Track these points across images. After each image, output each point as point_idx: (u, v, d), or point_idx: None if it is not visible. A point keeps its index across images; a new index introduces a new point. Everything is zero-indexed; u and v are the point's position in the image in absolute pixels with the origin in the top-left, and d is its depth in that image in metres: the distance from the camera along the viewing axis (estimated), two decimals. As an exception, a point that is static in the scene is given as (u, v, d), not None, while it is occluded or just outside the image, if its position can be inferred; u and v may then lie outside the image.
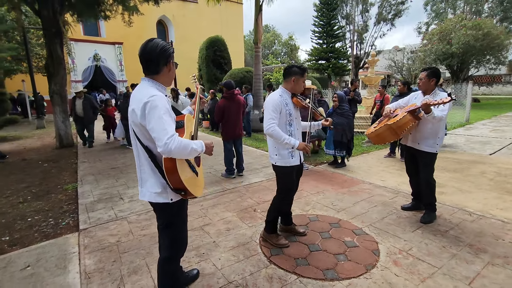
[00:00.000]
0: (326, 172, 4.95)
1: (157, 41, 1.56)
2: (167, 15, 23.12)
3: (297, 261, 2.39)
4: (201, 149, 1.56)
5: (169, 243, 1.74)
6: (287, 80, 2.52)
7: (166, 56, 1.57)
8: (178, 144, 1.40)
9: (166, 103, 1.50)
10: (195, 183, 1.64)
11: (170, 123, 1.44)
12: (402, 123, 2.88)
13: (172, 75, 1.66)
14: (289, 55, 48.57)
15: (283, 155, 2.54)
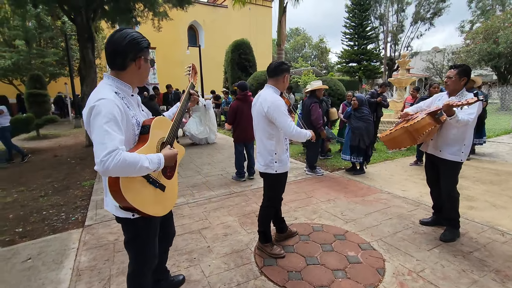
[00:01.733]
0: (341, 179, 4.65)
1: (128, 31, 1.35)
2: (198, 20, 23.85)
3: (290, 274, 2.21)
4: (156, 166, 1.30)
5: (133, 258, 1.59)
6: (278, 79, 2.35)
7: (135, 50, 1.35)
8: (119, 163, 1.14)
9: (114, 109, 1.24)
10: (155, 201, 1.41)
11: (111, 136, 1.18)
12: (420, 125, 2.57)
13: (143, 73, 1.43)
14: (319, 58, 47.73)
15: (283, 160, 2.41)
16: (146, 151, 1.32)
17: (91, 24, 7.81)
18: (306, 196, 3.89)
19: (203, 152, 6.91)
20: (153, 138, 1.40)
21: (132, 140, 1.38)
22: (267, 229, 2.50)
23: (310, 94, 5.01)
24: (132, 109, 1.39)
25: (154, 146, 1.42)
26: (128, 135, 1.34)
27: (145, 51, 1.41)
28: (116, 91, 1.34)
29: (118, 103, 1.27)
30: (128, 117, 1.33)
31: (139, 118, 1.42)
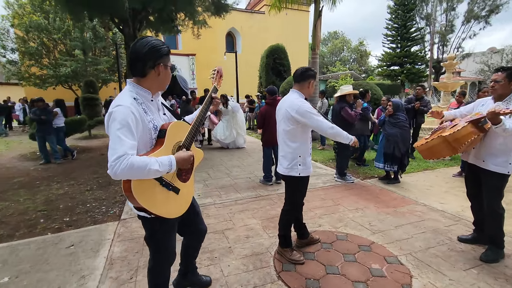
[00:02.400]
0: (373, 188, 4.44)
1: (148, 39, 1.39)
2: (235, 27, 24.55)
3: (308, 281, 2.17)
4: (167, 168, 1.32)
5: (152, 254, 1.67)
6: (303, 84, 2.37)
7: (154, 57, 1.38)
8: (126, 167, 1.19)
9: (128, 116, 1.28)
10: (168, 203, 1.44)
11: (122, 142, 1.23)
12: (460, 135, 2.35)
13: (162, 79, 1.46)
14: (358, 61, 46.07)
15: (307, 164, 2.41)
16: (160, 154, 1.36)
17: (137, 34, 8.47)
18: (333, 204, 3.78)
19: (234, 155, 7.07)
20: (169, 142, 1.43)
21: (149, 144, 1.42)
22: (287, 234, 2.49)
23: (340, 99, 4.88)
24: (150, 114, 1.43)
25: (170, 149, 1.44)
26: (145, 139, 1.40)
27: (164, 58, 1.43)
28: (135, 97, 1.39)
29: (133, 110, 1.32)
30: (145, 122, 1.38)
31: (157, 122, 1.46)
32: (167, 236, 1.61)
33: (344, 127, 4.48)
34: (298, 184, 2.41)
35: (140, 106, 1.38)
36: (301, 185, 2.44)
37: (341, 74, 31.32)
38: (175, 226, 1.66)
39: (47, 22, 13.26)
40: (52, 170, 6.05)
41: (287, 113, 2.30)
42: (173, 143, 1.47)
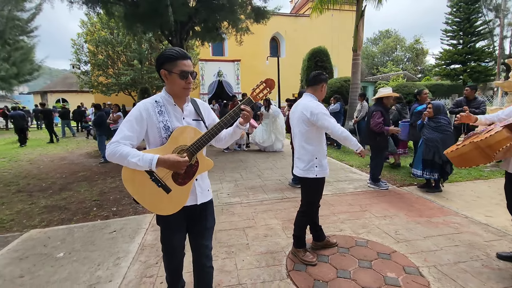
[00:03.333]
0: (409, 196, 4.16)
1: (164, 50, 1.53)
2: (279, 31, 24.80)
3: (316, 282, 2.19)
4: (146, 164, 1.39)
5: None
6: (316, 87, 2.43)
7: (158, 64, 1.51)
8: (111, 152, 1.40)
9: (136, 112, 1.48)
10: (156, 199, 1.50)
11: (120, 131, 1.46)
12: (494, 141, 2.15)
13: (171, 85, 1.52)
14: (413, 61, 42.59)
15: (323, 165, 2.46)
16: (158, 151, 1.46)
17: (183, 44, 9.20)
18: (360, 209, 3.67)
19: (269, 158, 7.20)
20: (171, 144, 1.50)
21: (159, 141, 1.53)
22: (301, 234, 2.53)
23: (377, 101, 4.68)
24: (166, 115, 1.54)
25: (171, 150, 1.49)
26: (154, 136, 1.53)
27: (166, 64, 1.48)
28: (157, 100, 1.55)
29: (143, 108, 1.50)
30: (152, 121, 1.51)
31: (171, 124, 1.54)
32: (167, 235, 1.69)
33: (379, 134, 4.33)
34: (315, 185, 2.45)
35: (157, 107, 1.53)
36: (318, 186, 2.47)
37: (392, 75, 29.38)
38: (176, 226, 1.66)
39: (112, 37, 15.09)
40: (109, 166, 6.89)
41: (302, 115, 2.37)
42: (176, 146, 1.51)
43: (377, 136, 4.46)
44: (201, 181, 1.66)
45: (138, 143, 1.52)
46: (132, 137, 1.47)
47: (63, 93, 29.71)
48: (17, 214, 3.97)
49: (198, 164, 1.57)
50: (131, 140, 1.46)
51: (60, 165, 7.24)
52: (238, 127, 1.65)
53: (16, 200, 4.58)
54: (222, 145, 1.79)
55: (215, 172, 5.84)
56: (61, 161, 7.87)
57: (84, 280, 2.36)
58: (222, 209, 3.81)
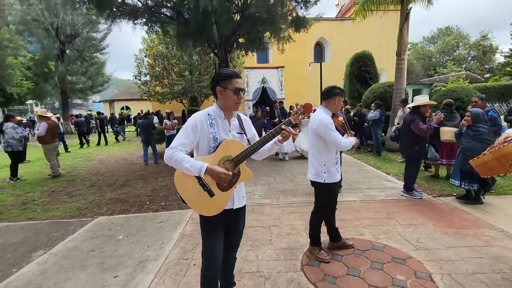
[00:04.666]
0: (443, 206, 4.04)
1: (220, 71, 1.78)
2: (324, 36, 24.59)
3: (326, 277, 2.43)
4: (196, 171, 1.58)
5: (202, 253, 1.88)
6: (330, 101, 2.64)
7: (215, 82, 1.74)
8: (170, 156, 1.63)
9: (191, 122, 1.70)
10: (201, 201, 1.69)
11: (178, 138, 1.68)
12: (507, 151, 2.23)
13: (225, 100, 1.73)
14: (479, 59, 38.13)
15: (332, 172, 2.66)
16: (206, 160, 1.67)
17: (228, 55, 9.94)
18: (386, 217, 3.72)
19: (304, 164, 7.40)
20: (217, 154, 1.70)
21: (207, 150, 1.73)
22: (316, 234, 2.78)
23: (413, 109, 4.60)
24: (215, 127, 1.74)
25: (217, 160, 1.69)
26: (204, 144, 1.74)
27: (222, 82, 1.71)
28: (209, 113, 1.77)
29: (198, 120, 1.71)
30: (204, 131, 1.72)
31: (220, 136, 1.74)
32: (208, 236, 1.83)
33: (415, 141, 4.28)
34: (325, 190, 2.68)
35: (209, 120, 1.74)
36: (328, 191, 2.69)
37: (452, 76, 26.77)
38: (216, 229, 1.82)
39: (167, 51, 16.77)
40: (161, 167, 7.82)
41: (312, 126, 2.65)
42: (222, 156, 1.70)
43: (416, 145, 4.37)
44: (239, 189, 1.86)
45: (191, 150, 1.74)
46: (187, 144, 1.69)
47: (127, 101, 33.56)
48: (90, 203, 4.90)
49: (240, 174, 1.75)
50: (186, 147, 1.69)
51: (122, 165, 8.44)
52: (276, 144, 1.82)
53: (90, 192, 5.60)
54: (258, 157, 1.94)
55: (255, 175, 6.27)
56: (123, 161, 9.14)
57: (137, 257, 2.95)
58: (253, 208, 4.20)
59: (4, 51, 18.00)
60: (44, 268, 2.82)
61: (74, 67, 21.45)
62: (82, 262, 2.89)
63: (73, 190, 5.83)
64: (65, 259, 2.97)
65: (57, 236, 3.58)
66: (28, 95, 21.02)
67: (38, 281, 2.59)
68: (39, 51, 21.05)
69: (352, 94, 13.05)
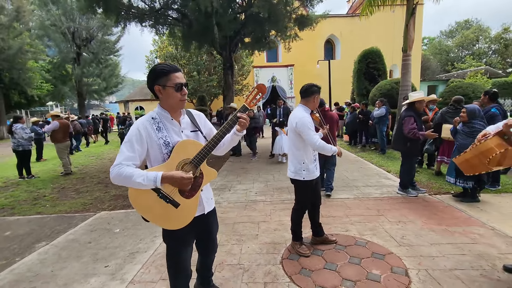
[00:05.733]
0: (438, 204, 3.98)
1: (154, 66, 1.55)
2: (334, 33, 24.31)
3: (302, 270, 2.50)
4: (151, 183, 1.40)
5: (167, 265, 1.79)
6: (308, 99, 2.69)
7: (151, 81, 1.53)
8: (116, 175, 1.41)
9: (133, 132, 1.50)
10: (165, 215, 1.51)
11: (121, 153, 1.46)
12: (485, 148, 2.19)
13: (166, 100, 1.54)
14: (501, 53, 36.47)
15: (311, 169, 2.71)
16: (163, 168, 1.49)
17: (232, 55, 10.08)
18: (375, 214, 3.72)
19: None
20: (173, 160, 1.52)
21: (161, 158, 1.55)
22: (297, 229, 2.84)
23: (408, 106, 4.56)
24: (164, 131, 1.57)
25: (174, 165, 1.51)
26: (155, 153, 1.56)
27: (159, 79, 1.50)
28: (153, 116, 1.58)
29: (142, 126, 1.52)
30: (152, 138, 1.53)
31: (171, 139, 1.57)
32: (176, 250, 1.71)
33: (407, 137, 4.25)
34: (303, 186, 2.74)
35: (155, 124, 1.56)
36: (306, 188, 2.74)
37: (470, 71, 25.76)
38: (186, 243, 1.71)
39: (177, 52, 17.15)
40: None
41: (291, 124, 2.71)
42: (179, 160, 1.52)
43: (408, 141, 4.35)
44: (206, 191, 1.72)
45: (140, 162, 1.53)
46: (134, 157, 1.48)
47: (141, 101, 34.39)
48: (94, 199, 5.15)
49: (203, 175, 1.58)
50: (133, 161, 1.47)
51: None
52: (236, 134, 1.68)
53: (96, 189, 5.87)
54: (221, 152, 1.79)
55: (251, 173, 6.38)
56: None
57: (129, 249, 3.12)
58: (246, 205, 4.30)
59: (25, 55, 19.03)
60: (44, 257, 3.03)
61: (89, 69, 22.32)
62: (78, 253, 3.09)
63: (81, 187, 6.13)
64: (64, 250, 3.18)
65: (60, 229, 3.82)
66: (47, 97, 22.09)
67: (36, 269, 2.80)
68: (56, 55, 22.02)
69: (360, 92, 12.85)
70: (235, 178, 6.10)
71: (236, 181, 5.78)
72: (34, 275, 2.68)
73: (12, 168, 7.66)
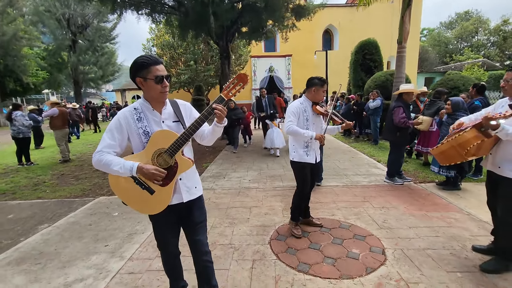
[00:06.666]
0: (421, 192, 4.20)
1: (136, 58, 1.56)
2: (333, 23, 24.12)
3: (288, 249, 2.70)
4: (127, 172, 1.51)
5: None
6: (309, 90, 2.83)
7: (133, 73, 1.57)
8: (96, 161, 1.54)
9: (114, 122, 1.59)
10: (141, 200, 1.61)
11: (103, 141, 1.58)
12: (463, 139, 2.23)
13: (148, 92, 1.59)
14: (499, 46, 36.43)
15: (299, 153, 2.86)
16: (139, 157, 1.59)
17: (229, 45, 10.09)
18: (361, 200, 3.93)
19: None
20: (149, 149, 1.58)
21: (141, 146, 1.63)
22: (294, 210, 2.99)
23: (398, 97, 4.72)
24: (145, 121, 1.63)
25: (150, 154, 1.58)
26: (136, 142, 1.64)
27: (141, 71, 1.53)
28: (136, 107, 1.65)
29: (122, 116, 1.61)
30: (131, 128, 1.61)
31: (150, 129, 1.62)
32: (157, 231, 1.81)
33: (396, 127, 4.43)
34: (295, 168, 2.91)
35: (136, 114, 1.63)
36: (297, 167, 2.90)
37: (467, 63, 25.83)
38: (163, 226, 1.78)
39: (174, 41, 17.01)
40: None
41: None
42: (155, 149, 1.58)
43: (398, 131, 4.52)
44: (186, 180, 1.72)
45: (122, 150, 1.64)
46: (115, 145, 1.60)
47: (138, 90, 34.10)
48: (93, 185, 5.32)
49: (178, 165, 1.60)
50: (113, 148, 1.59)
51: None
52: (216, 126, 1.66)
53: (94, 176, 6.04)
54: (206, 143, 1.79)
55: (245, 162, 6.56)
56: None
57: (127, 230, 3.31)
58: (239, 192, 4.49)
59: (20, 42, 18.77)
60: (47, 238, 3.22)
61: (85, 57, 22.09)
62: (79, 234, 3.28)
63: (80, 173, 6.29)
64: (66, 231, 3.37)
65: (61, 213, 4.00)
66: (43, 84, 21.91)
67: (40, 248, 2.99)
68: (52, 42, 21.74)
69: (356, 83, 12.95)
70: (230, 166, 6.28)
71: (231, 169, 5.97)
72: (38, 253, 2.87)
73: (11, 155, 7.78)
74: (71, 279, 2.41)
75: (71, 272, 2.51)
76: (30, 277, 2.47)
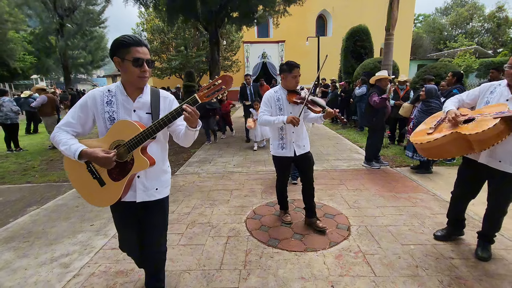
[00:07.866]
0: (395, 175, 4.44)
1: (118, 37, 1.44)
2: (327, 8, 23.82)
3: (262, 227, 2.91)
4: (71, 155, 1.42)
5: None
6: (281, 78, 2.79)
7: (112, 52, 1.45)
8: (52, 137, 1.49)
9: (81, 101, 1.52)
10: (92, 191, 1.54)
11: (66, 116, 1.52)
12: (490, 135, 1.90)
13: (125, 74, 1.46)
14: (493, 33, 36.46)
15: (275, 146, 2.82)
16: (96, 142, 1.51)
17: (218, 31, 10.02)
18: (337, 183, 4.15)
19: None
20: (108, 137, 1.48)
21: (105, 131, 1.52)
22: (280, 199, 3.05)
23: (374, 84, 4.87)
24: (113, 106, 1.51)
25: (108, 143, 1.48)
26: (101, 126, 1.55)
27: (120, 51, 1.41)
28: (109, 89, 1.55)
29: (91, 96, 1.52)
30: (97, 110, 1.52)
31: (118, 116, 1.51)
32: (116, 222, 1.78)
33: (372, 113, 4.61)
34: (273, 159, 2.94)
35: (108, 97, 1.52)
36: (274, 160, 2.93)
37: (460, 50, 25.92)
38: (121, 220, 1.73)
39: (164, 25, 16.71)
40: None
41: None
42: (114, 139, 1.47)
43: (374, 117, 4.72)
44: (145, 180, 1.59)
45: (84, 131, 1.55)
46: (75, 125, 1.51)
47: (129, 76, 33.74)
48: (82, 170, 5.44)
49: (134, 162, 1.46)
50: (73, 128, 1.51)
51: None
52: (188, 129, 1.47)
53: (83, 161, 6.14)
54: (182, 144, 1.64)
55: (233, 148, 6.73)
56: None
57: (112, 211, 3.48)
58: (223, 176, 4.68)
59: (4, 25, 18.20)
60: (35, 219, 3.38)
61: (74, 41, 21.52)
62: (67, 215, 3.44)
63: (69, 159, 6.39)
64: (54, 213, 3.53)
65: (50, 196, 4.14)
66: (31, 69, 21.44)
67: (29, 227, 3.15)
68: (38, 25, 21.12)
69: (346, 70, 13.03)
70: (217, 152, 6.44)
71: (218, 155, 6.13)
72: (27, 232, 3.03)
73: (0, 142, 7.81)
74: (57, 254, 2.59)
75: (57, 249, 2.69)
76: (19, 253, 2.64)
